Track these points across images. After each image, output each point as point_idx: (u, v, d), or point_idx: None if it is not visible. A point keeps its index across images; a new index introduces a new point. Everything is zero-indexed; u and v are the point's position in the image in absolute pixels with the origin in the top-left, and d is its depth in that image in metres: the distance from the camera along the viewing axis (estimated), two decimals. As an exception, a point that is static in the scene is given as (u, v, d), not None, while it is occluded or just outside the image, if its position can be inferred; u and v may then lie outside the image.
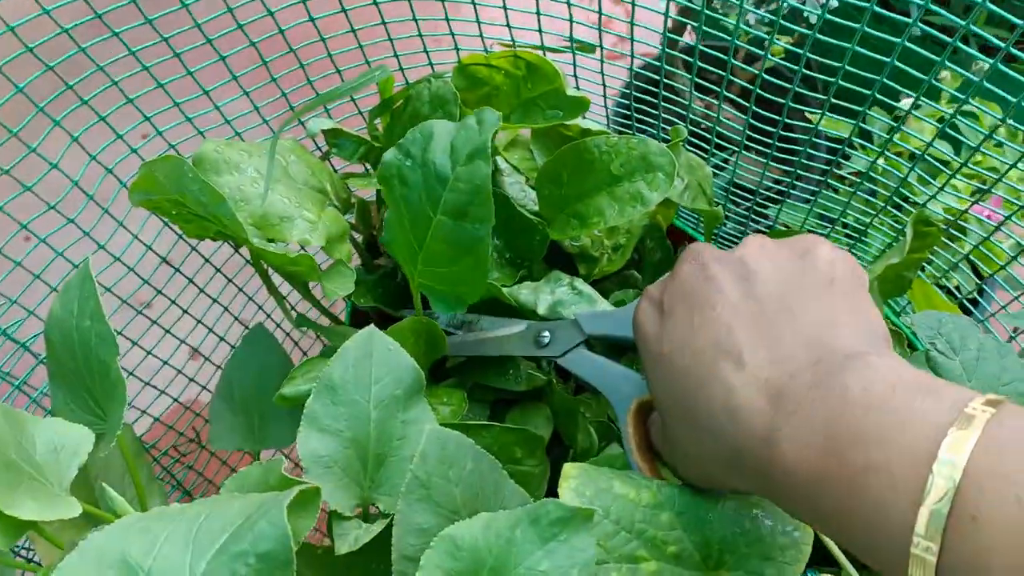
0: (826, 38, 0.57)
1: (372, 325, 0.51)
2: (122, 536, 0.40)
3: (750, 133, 0.70)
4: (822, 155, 1.01)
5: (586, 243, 0.67)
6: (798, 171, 0.71)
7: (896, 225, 0.73)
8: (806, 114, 0.78)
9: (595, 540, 0.41)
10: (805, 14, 0.59)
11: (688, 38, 0.94)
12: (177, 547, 0.39)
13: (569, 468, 0.44)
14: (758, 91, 0.64)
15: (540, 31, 0.62)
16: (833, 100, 0.60)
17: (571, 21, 0.62)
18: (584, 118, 0.66)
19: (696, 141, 0.77)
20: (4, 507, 0.42)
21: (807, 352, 0.36)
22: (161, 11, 0.53)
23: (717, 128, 0.71)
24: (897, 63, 0.55)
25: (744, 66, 0.71)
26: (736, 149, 0.73)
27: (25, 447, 0.46)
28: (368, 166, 0.68)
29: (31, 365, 0.59)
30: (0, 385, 0.56)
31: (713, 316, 0.38)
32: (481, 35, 0.63)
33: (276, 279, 0.63)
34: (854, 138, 0.66)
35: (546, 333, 0.55)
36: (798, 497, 0.34)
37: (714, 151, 0.74)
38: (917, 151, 0.63)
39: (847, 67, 0.57)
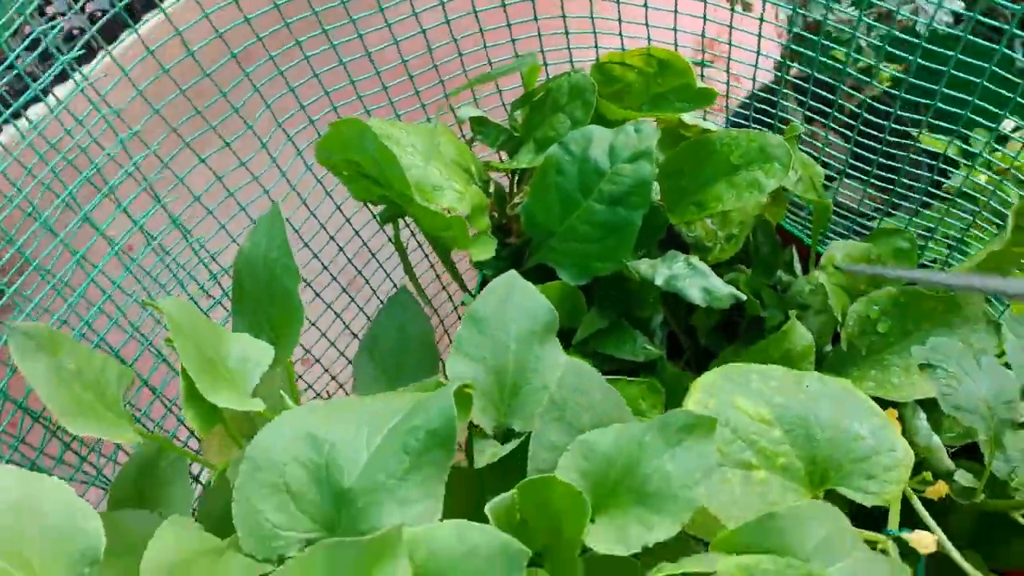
0: (931, 57, 0.62)
1: (513, 271, 0.58)
2: (308, 416, 0.47)
3: (855, 149, 0.75)
4: (925, 175, 1.05)
5: (701, 234, 0.73)
6: (901, 179, 0.76)
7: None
8: (910, 134, 0.83)
9: (716, 447, 0.46)
10: (916, 24, 0.65)
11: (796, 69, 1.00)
12: (354, 426, 0.46)
13: (696, 384, 0.50)
14: (864, 114, 0.69)
15: (675, 29, 0.69)
16: (935, 116, 0.65)
17: (704, 24, 0.69)
18: (704, 120, 0.73)
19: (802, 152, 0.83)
20: (207, 394, 0.50)
21: None
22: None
23: (824, 149, 0.76)
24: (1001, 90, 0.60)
25: (852, 91, 0.77)
26: (839, 170, 0.78)
27: (221, 352, 0.54)
28: (504, 155, 0.76)
29: (208, 306, 0.68)
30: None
31: None
32: (621, 34, 0.70)
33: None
34: (958, 157, 0.70)
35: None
36: None
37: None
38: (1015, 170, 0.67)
39: (946, 91, 0.62)
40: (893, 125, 0.69)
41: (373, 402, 0.48)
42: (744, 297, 0.63)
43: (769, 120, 0.78)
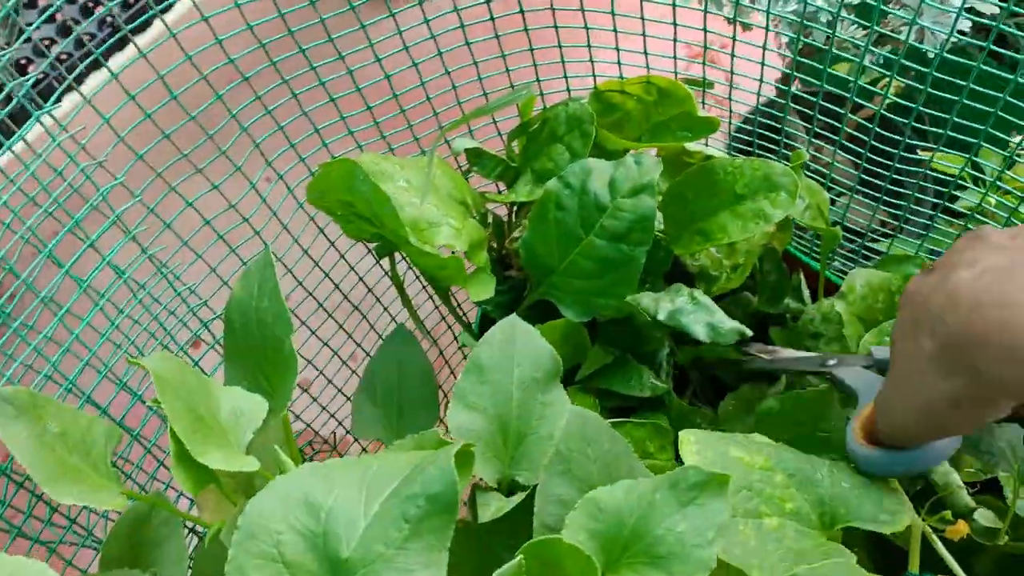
0: (942, 75, 0.60)
1: (514, 314, 0.56)
2: (304, 480, 0.45)
3: (863, 175, 0.73)
4: (932, 188, 1.03)
5: (706, 263, 0.71)
6: (909, 205, 0.74)
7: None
8: (918, 151, 0.81)
9: (728, 503, 0.44)
10: (924, 50, 0.63)
11: (797, 83, 0.98)
12: (352, 490, 0.44)
13: (686, 434, 0.48)
14: (866, 129, 0.67)
15: (675, 57, 0.67)
16: (949, 133, 0.63)
17: (704, 54, 0.67)
18: (707, 146, 0.71)
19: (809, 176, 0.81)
20: (197, 455, 0.48)
21: None
22: (339, 32, 0.60)
23: (831, 167, 0.74)
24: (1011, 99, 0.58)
25: (863, 102, 0.75)
26: (846, 188, 0.76)
27: (211, 409, 0.52)
28: (503, 187, 0.74)
29: (202, 352, 0.66)
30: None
31: (967, 252, 0.43)
32: (619, 62, 0.68)
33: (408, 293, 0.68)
34: (967, 172, 0.68)
35: (833, 360, 0.60)
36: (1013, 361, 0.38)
37: (827, 191, 0.77)
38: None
39: (963, 100, 0.60)
40: (902, 153, 0.67)
41: (371, 463, 0.45)
42: (750, 333, 0.61)
43: (774, 137, 0.76)
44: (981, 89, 0.58)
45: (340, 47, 0.62)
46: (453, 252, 0.62)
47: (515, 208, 0.73)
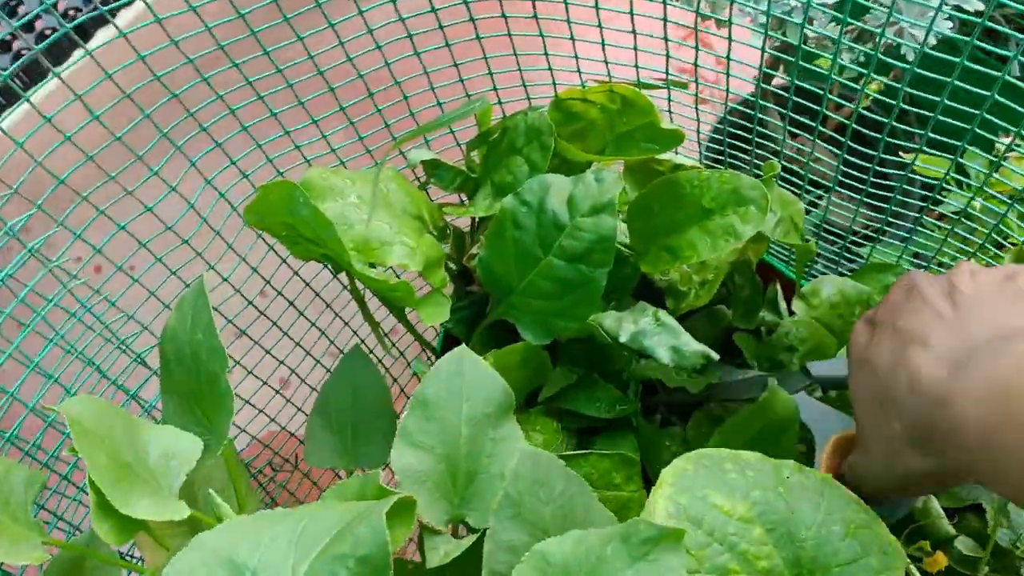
0: (924, 71, 0.57)
1: (463, 345, 0.53)
2: (229, 536, 0.42)
3: (844, 169, 0.70)
4: (917, 192, 1.00)
5: (675, 278, 0.68)
6: (893, 208, 0.70)
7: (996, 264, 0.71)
8: (900, 152, 0.78)
9: (685, 559, 0.41)
10: (903, 51, 0.59)
11: (779, 78, 0.94)
12: (281, 548, 0.41)
13: (666, 473, 0.45)
14: (853, 126, 0.64)
15: (637, 67, 0.63)
16: (931, 135, 0.60)
17: (667, 56, 0.63)
18: (676, 153, 0.67)
19: (787, 178, 0.77)
20: (120, 506, 0.45)
21: (989, 333, 0.40)
22: (276, 44, 0.56)
23: (810, 166, 0.71)
24: (999, 97, 0.54)
25: (841, 101, 0.71)
26: (828, 187, 0.73)
27: (139, 452, 0.49)
28: (464, 196, 0.70)
29: (144, 377, 0.62)
30: (116, 395, 0.59)
31: (913, 319, 0.43)
32: (579, 70, 0.65)
33: (371, 306, 0.65)
34: (952, 175, 0.65)
35: (774, 380, 0.58)
36: (979, 457, 0.37)
37: (807, 189, 0.74)
38: (1018, 187, 0.62)
39: (946, 101, 0.57)
40: (882, 155, 0.64)
41: (303, 516, 0.42)
42: (716, 357, 0.58)
43: (748, 137, 0.73)
44: (965, 86, 0.55)
45: (279, 59, 0.58)
46: (399, 276, 0.59)
47: (476, 221, 0.69)
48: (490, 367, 0.52)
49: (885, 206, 0.70)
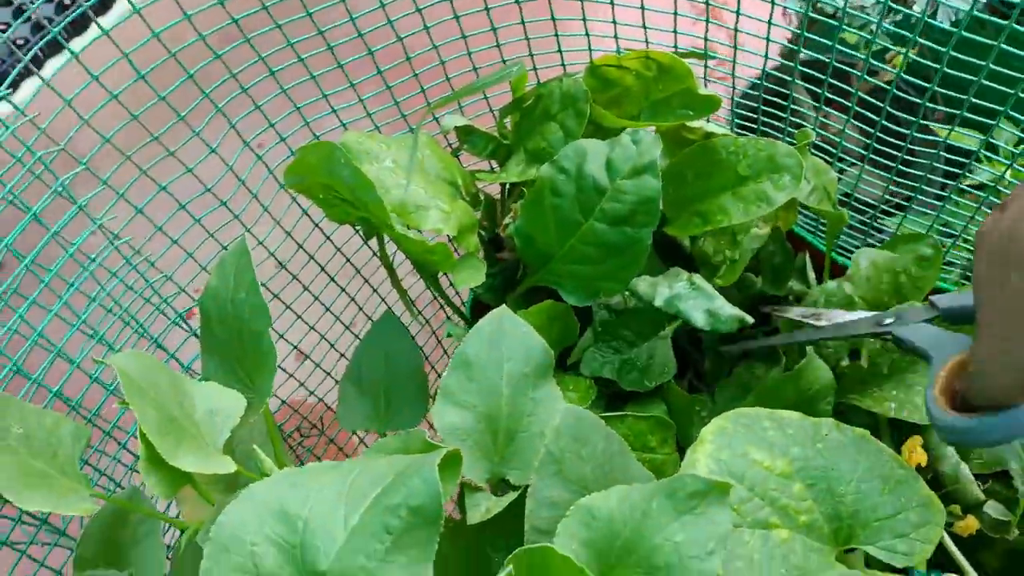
0: (956, 52, 0.57)
1: (504, 306, 0.53)
2: (279, 488, 0.42)
3: (876, 147, 0.70)
4: (941, 168, 1.00)
5: (708, 250, 0.68)
6: (922, 185, 0.70)
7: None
8: (930, 127, 0.78)
9: (730, 513, 0.41)
10: (939, 21, 0.59)
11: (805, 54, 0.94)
12: (330, 499, 0.41)
13: (707, 430, 0.46)
14: (876, 103, 0.64)
15: (675, 32, 0.63)
16: (966, 114, 0.60)
17: (707, 21, 0.63)
18: (708, 121, 0.68)
19: (816, 152, 0.77)
20: (169, 459, 0.45)
21: None
22: (320, 4, 0.57)
23: (838, 138, 0.71)
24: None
25: (867, 78, 0.71)
26: (855, 161, 0.73)
27: (184, 407, 0.50)
28: (495, 164, 0.71)
29: (181, 339, 0.63)
30: (155, 355, 0.60)
31: None
32: (616, 36, 0.64)
33: (399, 272, 0.65)
34: (980, 150, 0.65)
35: (891, 318, 0.55)
36: None
37: (836, 162, 0.74)
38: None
39: (981, 80, 0.57)
40: (914, 133, 0.64)
41: (351, 469, 0.43)
42: (751, 320, 0.58)
43: (777, 113, 0.73)
44: (999, 68, 0.55)
45: (319, 21, 0.58)
46: (439, 235, 0.59)
47: (507, 188, 0.70)
48: (531, 327, 0.52)
49: (915, 171, 0.71)
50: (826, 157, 0.75)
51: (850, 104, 0.66)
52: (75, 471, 0.48)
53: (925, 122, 0.63)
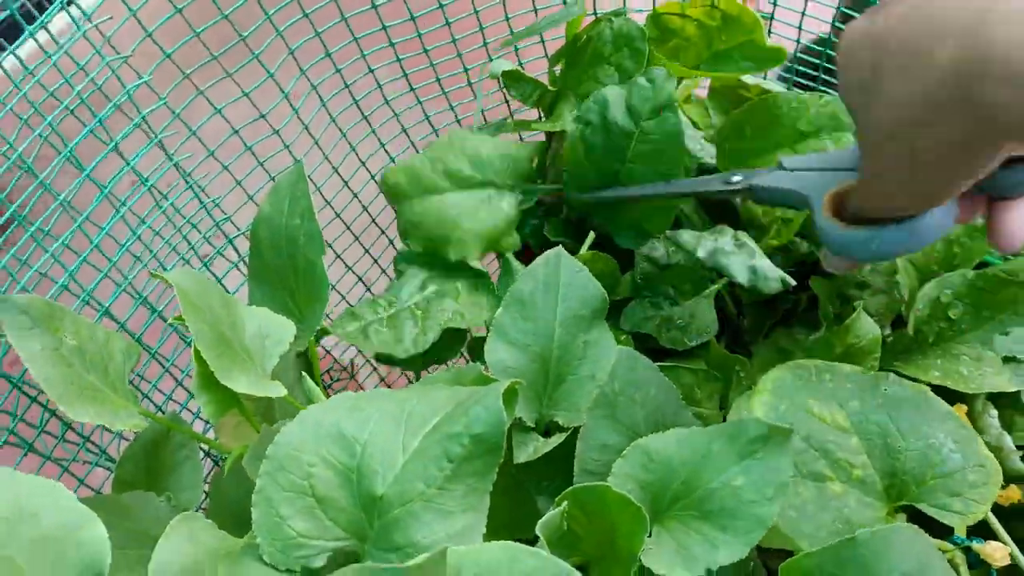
0: None
1: (560, 247, 0.53)
2: (335, 412, 0.42)
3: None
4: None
5: (757, 210, 0.67)
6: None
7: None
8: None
9: (791, 460, 0.41)
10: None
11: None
12: (389, 425, 0.41)
13: (765, 380, 0.45)
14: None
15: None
16: None
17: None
18: (764, 78, 0.67)
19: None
20: (223, 378, 0.45)
21: None
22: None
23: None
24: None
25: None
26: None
27: (236, 329, 0.49)
28: (542, 112, 0.70)
29: (224, 269, 0.62)
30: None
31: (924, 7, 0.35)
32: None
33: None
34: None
35: (738, 176, 0.53)
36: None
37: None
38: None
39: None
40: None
41: (409, 397, 0.43)
42: (793, 283, 0.58)
43: (832, 75, 0.72)
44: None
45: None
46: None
47: (554, 136, 0.69)
48: (587, 270, 0.52)
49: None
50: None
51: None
52: (125, 388, 0.48)
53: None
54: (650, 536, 0.42)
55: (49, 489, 0.36)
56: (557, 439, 0.49)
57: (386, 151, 0.69)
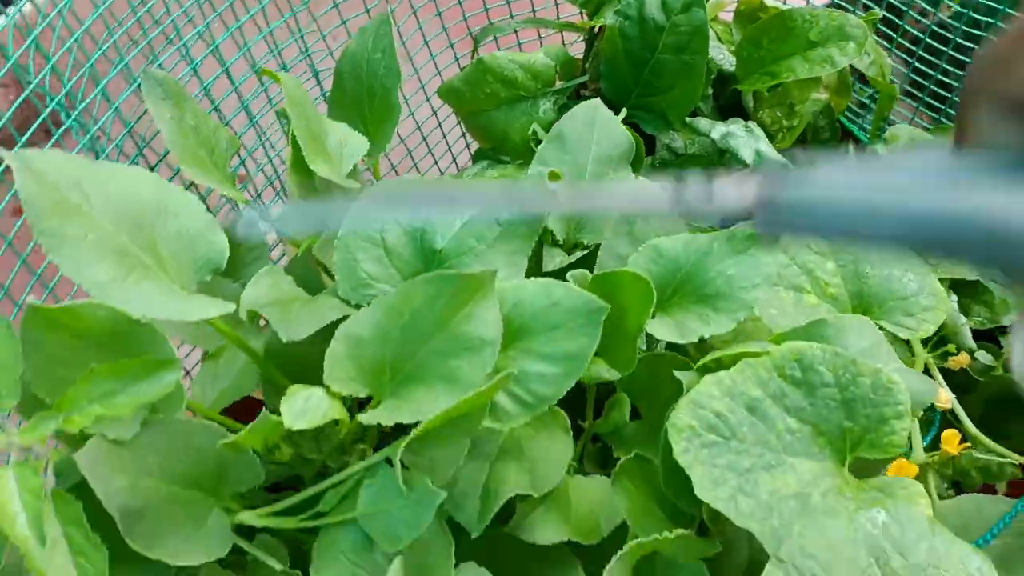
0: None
1: (598, 99, 0.62)
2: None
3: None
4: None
5: (767, 121, 0.76)
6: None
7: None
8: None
9: (777, 259, 0.50)
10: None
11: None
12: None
13: None
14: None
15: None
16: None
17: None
18: (784, 3, 0.76)
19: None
20: (311, 163, 0.54)
21: None
22: None
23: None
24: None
25: (918, 17, 0.80)
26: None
27: (321, 135, 0.58)
28: (587, 15, 0.79)
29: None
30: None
31: None
32: None
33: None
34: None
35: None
36: None
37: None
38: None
39: None
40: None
41: (467, 184, 0.52)
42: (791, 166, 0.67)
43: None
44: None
45: None
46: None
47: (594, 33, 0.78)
48: (618, 120, 0.61)
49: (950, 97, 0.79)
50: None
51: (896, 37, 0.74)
52: (225, 169, 0.57)
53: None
54: (654, 318, 0.51)
55: (184, 196, 0.45)
56: (581, 252, 0.58)
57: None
